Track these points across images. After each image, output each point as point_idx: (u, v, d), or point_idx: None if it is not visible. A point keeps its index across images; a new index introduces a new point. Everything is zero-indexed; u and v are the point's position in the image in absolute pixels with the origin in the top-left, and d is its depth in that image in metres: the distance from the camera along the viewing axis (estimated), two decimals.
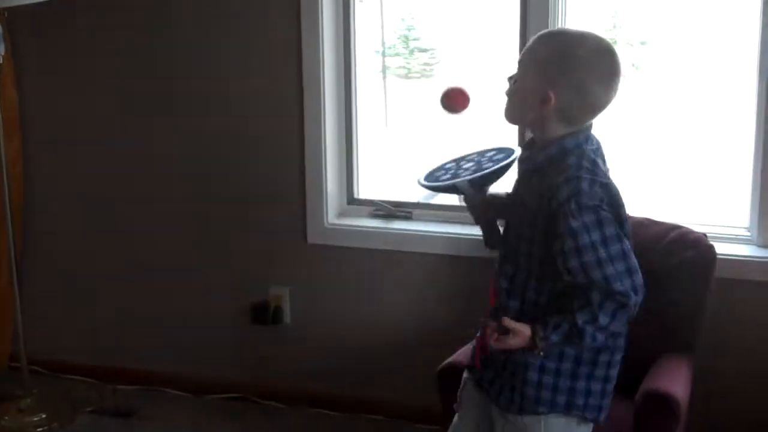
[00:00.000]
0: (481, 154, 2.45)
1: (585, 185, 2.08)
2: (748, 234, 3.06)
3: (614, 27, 8.48)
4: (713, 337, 2.84)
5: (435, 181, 2.40)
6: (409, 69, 8.90)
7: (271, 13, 3.34)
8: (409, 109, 8.53)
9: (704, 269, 2.76)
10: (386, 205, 3.47)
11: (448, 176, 2.39)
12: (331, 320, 3.51)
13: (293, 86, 3.34)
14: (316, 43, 3.27)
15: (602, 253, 2.08)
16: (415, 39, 8.82)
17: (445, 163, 2.48)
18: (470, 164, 2.41)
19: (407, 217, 3.44)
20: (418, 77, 8.91)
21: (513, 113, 2.23)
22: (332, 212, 3.45)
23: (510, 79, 2.22)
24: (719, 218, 3.34)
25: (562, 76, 2.12)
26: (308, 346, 3.55)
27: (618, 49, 2.19)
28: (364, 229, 3.42)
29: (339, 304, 3.49)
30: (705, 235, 2.85)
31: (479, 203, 2.38)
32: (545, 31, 2.26)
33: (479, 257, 3.16)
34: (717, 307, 2.82)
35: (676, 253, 2.79)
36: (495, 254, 2.33)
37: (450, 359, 2.73)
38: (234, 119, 3.47)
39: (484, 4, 9.40)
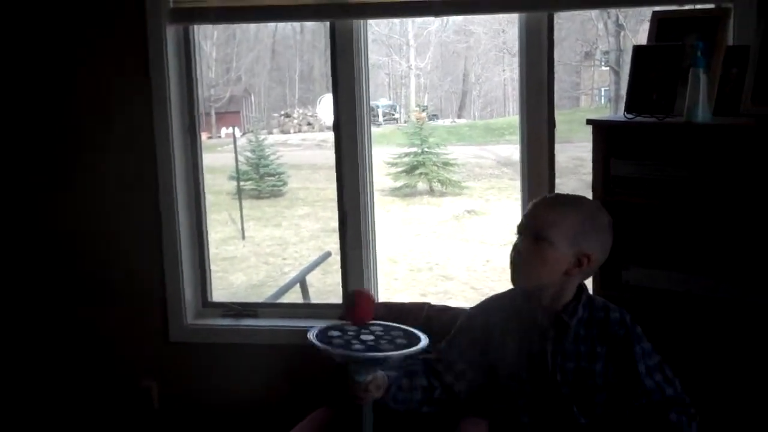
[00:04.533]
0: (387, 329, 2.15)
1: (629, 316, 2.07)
2: None
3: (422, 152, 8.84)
4: None
5: (347, 347, 2.01)
6: (260, 190, 8.97)
7: (133, 147, 3.25)
8: (262, 223, 8.57)
9: None
10: (235, 306, 3.42)
11: (361, 345, 2.02)
12: (195, 407, 3.39)
13: (152, 212, 3.27)
14: (169, 175, 3.23)
15: (667, 372, 2.04)
16: (264, 166, 8.93)
17: (330, 327, 2.11)
18: (369, 337, 2.08)
19: (254, 315, 3.40)
20: (268, 197, 8.99)
21: (537, 278, 2.02)
22: (190, 314, 3.36)
23: (517, 247, 2.04)
24: None
25: (592, 239, 2.02)
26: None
27: None
28: (216, 327, 3.35)
29: (200, 393, 3.38)
30: None
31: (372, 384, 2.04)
32: (544, 199, 2.11)
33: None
34: None
35: None
36: None
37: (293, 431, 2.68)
38: (102, 236, 3.35)
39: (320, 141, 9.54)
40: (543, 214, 2.04)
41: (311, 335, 2.12)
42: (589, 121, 2.53)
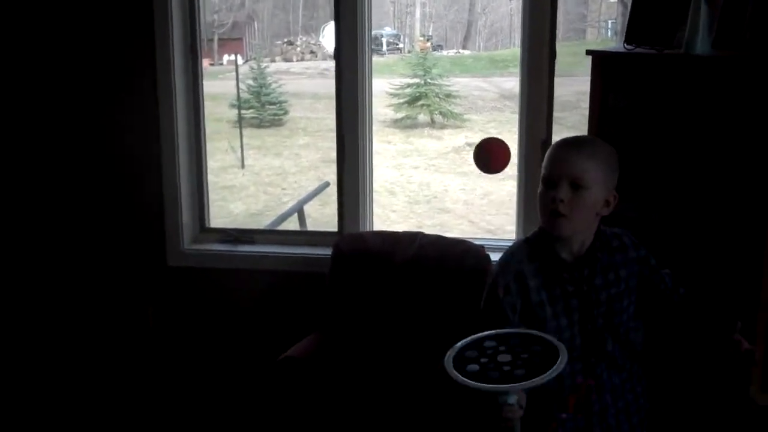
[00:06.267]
0: (504, 340, 1.88)
1: None
2: None
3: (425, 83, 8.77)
4: None
5: (479, 378, 1.75)
6: (261, 119, 8.91)
7: (134, 71, 3.28)
8: (262, 152, 8.56)
9: (481, 274, 2.82)
10: (233, 232, 3.45)
11: (495, 374, 1.76)
12: (189, 329, 3.46)
13: (152, 137, 3.29)
14: (170, 98, 3.24)
15: None
16: (266, 94, 8.86)
17: (464, 348, 1.84)
18: (507, 357, 1.82)
19: (251, 242, 3.44)
20: (269, 126, 8.94)
21: (579, 225, 2.00)
22: (187, 239, 3.40)
23: (558, 198, 1.96)
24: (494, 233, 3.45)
25: (615, 178, 2.02)
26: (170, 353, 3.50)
27: None
28: (213, 252, 3.39)
29: (195, 316, 3.44)
30: (483, 246, 2.98)
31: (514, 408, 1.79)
32: (570, 144, 2.03)
33: (307, 272, 3.21)
34: None
35: (461, 262, 2.89)
36: None
37: (287, 353, 2.81)
38: (106, 159, 3.40)
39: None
40: (575, 160, 1.98)
41: (452, 370, 1.77)
42: (588, 52, 2.51)
